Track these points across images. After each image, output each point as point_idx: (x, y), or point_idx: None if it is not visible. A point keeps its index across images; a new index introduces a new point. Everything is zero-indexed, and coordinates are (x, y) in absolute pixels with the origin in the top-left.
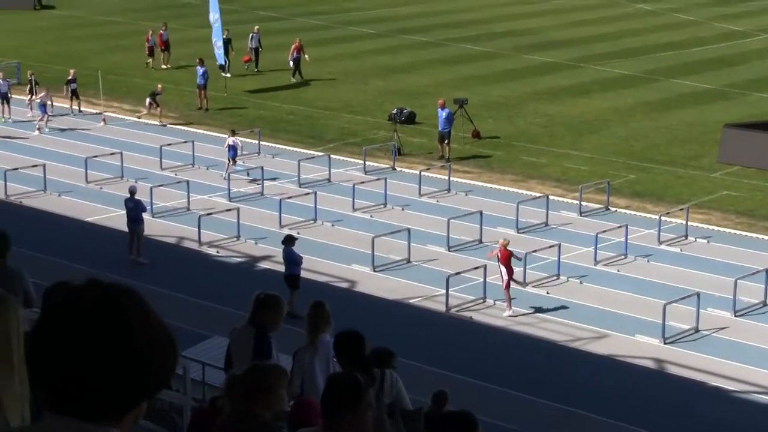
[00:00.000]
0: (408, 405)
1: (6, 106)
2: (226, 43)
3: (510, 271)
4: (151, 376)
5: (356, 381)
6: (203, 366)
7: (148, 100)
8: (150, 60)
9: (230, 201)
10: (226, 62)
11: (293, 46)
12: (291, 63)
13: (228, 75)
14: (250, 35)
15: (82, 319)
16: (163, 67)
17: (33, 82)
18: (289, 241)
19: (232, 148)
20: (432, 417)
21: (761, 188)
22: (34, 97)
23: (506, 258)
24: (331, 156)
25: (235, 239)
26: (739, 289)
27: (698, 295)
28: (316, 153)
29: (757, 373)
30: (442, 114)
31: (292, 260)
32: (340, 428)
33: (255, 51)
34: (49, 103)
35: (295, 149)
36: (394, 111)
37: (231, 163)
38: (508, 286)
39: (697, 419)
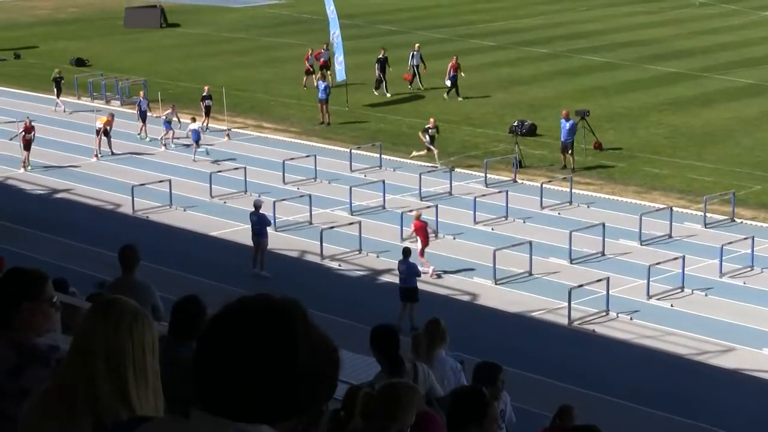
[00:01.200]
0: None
1: (145, 123)
2: (383, 62)
3: (424, 241)
4: (312, 387)
5: (482, 395)
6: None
7: (426, 137)
8: (305, 78)
9: (352, 215)
10: (382, 80)
11: (450, 65)
12: (448, 82)
13: (388, 94)
14: (411, 53)
15: (249, 324)
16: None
17: (59, 81)
18: (408, 254)
19: (195, 132)
20: (559, 430)
21: None
22: (59, 98)
23: (420, 228)
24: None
25: (357, 253)
26: None
27: None
28: (438, 166)
29: None
30: (566, 125)
31: (414, 273)
32: None
33: (416, 68)
34: (175, 119)
35: (416, 162)
36: (515, 123)
37: (196, 146)
38: (422, 253)
39: None
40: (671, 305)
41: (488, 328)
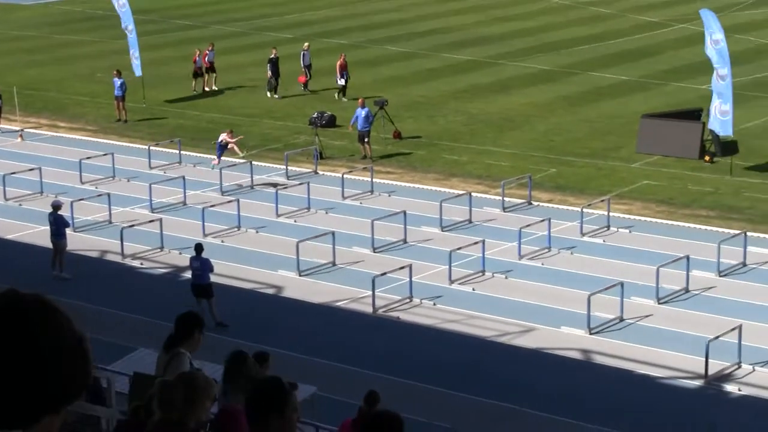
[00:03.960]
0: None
1: None
2: (275, 63)
3: None
4: (58, 383)
5: (281, 384)
6: (130, 379)
7: None
8: (194, 81)
9: (152, 212)
10: (273, 83)
11: (338, 63)
12: (342, 81)
13: (277, 96)
14: (302, 53)
15: None
16: (206, 89)
17: None
18: (201, 250)
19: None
20: (364, 416)
21: (679, 176)
22: None
23: None
24: (253, 162)
25: (159, 250)
26: (661, 276)
27: (622, 284)
28: (238, 160)
29: (681, 358)
30: (362, 113)
31: (210, 268)
32: None
33: (308, 69)
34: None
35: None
36: (315, 115)
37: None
38: None
39: (625, 406)
40: (473, 289)
41: (293, 320)
